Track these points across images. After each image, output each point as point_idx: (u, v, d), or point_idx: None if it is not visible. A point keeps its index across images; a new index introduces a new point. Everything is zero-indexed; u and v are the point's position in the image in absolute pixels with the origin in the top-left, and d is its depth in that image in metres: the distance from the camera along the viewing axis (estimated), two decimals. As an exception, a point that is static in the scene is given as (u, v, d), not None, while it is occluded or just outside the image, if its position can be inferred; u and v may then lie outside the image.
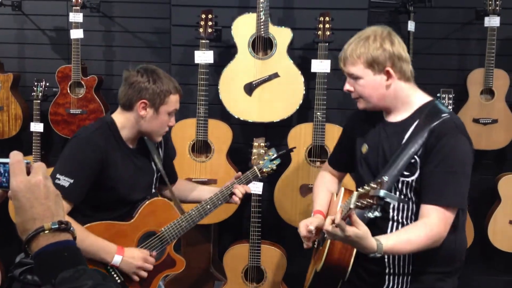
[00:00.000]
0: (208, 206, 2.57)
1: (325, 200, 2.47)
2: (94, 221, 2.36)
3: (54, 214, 1.15)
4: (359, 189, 1.77)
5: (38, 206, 1.13)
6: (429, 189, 2.02)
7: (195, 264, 3.73)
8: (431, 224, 1.99)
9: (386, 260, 2.14)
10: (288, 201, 3.51)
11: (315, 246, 2.43)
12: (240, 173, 2.71)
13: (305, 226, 2.28)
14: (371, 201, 1.69)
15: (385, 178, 1.71)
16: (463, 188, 2.04)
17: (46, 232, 1.12)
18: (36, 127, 3.89)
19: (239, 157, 3.62)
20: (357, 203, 1.74)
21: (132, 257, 2.35)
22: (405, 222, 2.12)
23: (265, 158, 2.75)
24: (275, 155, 2.75)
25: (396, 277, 2.16)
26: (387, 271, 2.16)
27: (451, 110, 2.16)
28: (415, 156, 2.04)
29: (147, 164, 2.53)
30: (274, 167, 2.77)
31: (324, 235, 2.26)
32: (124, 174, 2.39)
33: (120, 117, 2.43)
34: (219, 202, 2.60)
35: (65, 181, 2.22)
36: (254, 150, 3.14)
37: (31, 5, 4.12)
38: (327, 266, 2.14)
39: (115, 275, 2.36)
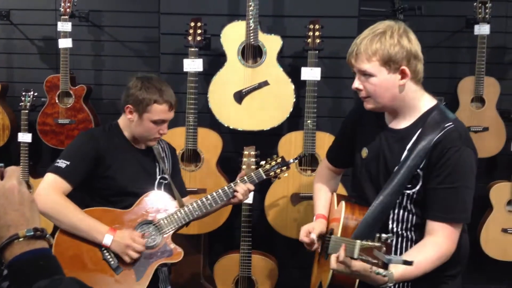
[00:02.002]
0: (208, 202, 2.60)
1: (327, 202, 2.43)
2: None
3: (29, 221, 1.10)
4: (363, 242, 1.72)
5: (12, 213, 1.09)
6: (434, 205, 1.97)
7: (186, 274, 3.68)
8: (440, 243, 1.95)
9: None
10: (279, 210, 3.48)
11: (318, 250, 2.38)
12: (244, 172, 2.77)
13: (307, 233, 2.25)
14: (376, 261, 1.68)
15: (389, 240, 1.67)
16: (468, 203, 1.99)
17: (20, 239, 1.07)
18: (24, 137, 3.85)
19: (229, 166, 3.59)
20: (361, 257, 1.72)
21: (122, 237, 2.42)
22: (404, 234, 2.09)
23: (272, 163, 2.73)
24: (284, 162, 2.73)
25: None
26: None
27: (455, 116, 2.08)
28: (418, 170, 1.99)
29: (151, 165, 2.66)
30: (285, 175, 2.78)
31: (326, 248, 2.23)
32: (125, 167, 2.54)
33: (121, 119, 2.64)
34: (220, 199, 2.63)
35: (62, 163, 2.43)
36: (244, 159, 3.11)
37: (20, 15, 4.10)
38: (334, 283, 2.09)
39: (109, 257, 2.44)
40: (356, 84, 2.07)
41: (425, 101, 2.08)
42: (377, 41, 1.97)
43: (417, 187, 2.02)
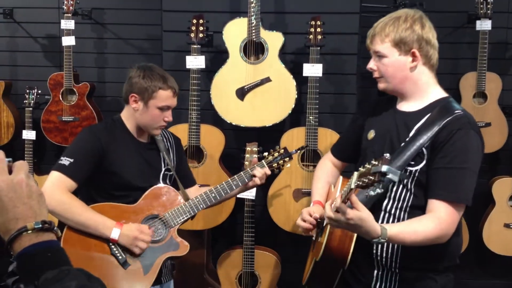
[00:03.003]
0: (222, 187, 2.65)
1: (324, 191, 2.46)
2: None
3: (37, 214, 1.12)
4: (359, 168, 1.74)
5: (20, 206, 1.11)
6: (438, 184, 1.99)
7: (189, 270, 3.70)
8: (440, 218, 1.96)
9: (374, 252, 2.11)
10: (281, 206, 3.49)
11: (313, 238, 2.40)
12: (256, 159, 2.81)
13: (308, 212, 2.27)
14: (373, 178, 1.64)
15: (387, 156, 1.65)
16: (471, 185, 2.01)
17: (29, 232, 1.09)
18: (28, 135, 3.88)
19: (232, 162, 3.60)
20: (358, 182, 1.70)
21: (129, 230, 2.44)
22: (397, 214, 2.09)
23: (275, 154, 2.75)
24: (287, 153, 2.75)
25: (385, 272, 2.13)
26: (374, 263, 2.14)
27: (464, 108, 2.12)
28: (423, 148, 2.02)
29: (155, 159, 2.67)
30: (288, 165, 2.80)
31: (322, 226, 2.24)
32: (129, 161, 2.56)
33: (124, 112, 2.64)
34: (235, 183, 2.67)
35: (66, 161, 2.44)
36: (247, 155, 3.13)
37: (23, 13, 4.12)
38: (326, 255, 2.10)
39: (116, 252, 2.46)
40: (371, 64, 2.18)
41: (437, 91, 2.16)
42: (391, 24, 2.09)
43: (420, 165, 2.04)
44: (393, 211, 2.10)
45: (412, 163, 2.04)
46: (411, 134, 2.07)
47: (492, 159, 3.96)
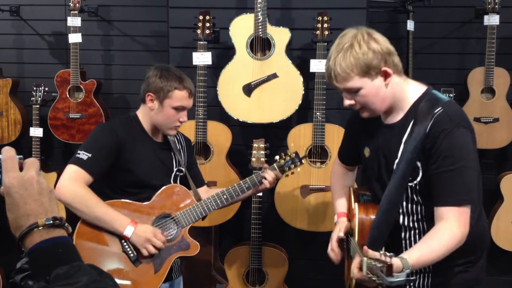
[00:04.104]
0: (233, 189, 2.68)
1: (345, 198, 2.47)
2: None
3: (48, 210, 1.13)
4: (368, 260, 1.75)
5: (31, 202, 1.12)
6: (438, 191, 1.97)
7: (197, 267, 3.71)
8: (451, 226, 1.94)
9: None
10: (288, 202, 3.49)
11: (345, 247, 2.42)
12: (267, 165, 2.81)
13: (336, 240, 2.31)
14: (376, 279, 1.69)
15: (389, 261, 1.67)
16: (471, 183, 1.97)
17: (40, 228, 1.10)
18: (36, 132, 3.89)
19: (239, 159, 3.60)
20: (369, 275, 1.73)
21: (144, 231, 2.46)
22: (416, 226, 2.09)
23: (286, 158, 2.77)
24: (298, 157, 2.78)
25: (417, 273, 2.12)
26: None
27: (447, 98, 2.08)
28: (417, 162, 2.00)
29: (168, 158, 2.70)
30: (298, 170, 2.84)
31: (348, 250, 2.26)
32: (144, 159, 2.58)
33: (140, 110, 2.66)
34: (247, 186, 2.69)
35: (84, 155, 2.46)
36: (254, 152, 3.13)
37: (29, 10, 4.13)
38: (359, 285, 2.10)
39: (128, 249, 2.48)
40: (347, 101, 2.10)
41: (413, 90, 2.10)
42: (348, 56, 1.98)
43: (418, 179, 2.03)
44: (411, 225, 2.10)
45: (410, 178, 2.03)
46: (401, 149, 2.05)
47: (500, 155, 3.94)
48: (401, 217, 2.11)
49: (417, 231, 2.11)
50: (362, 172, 2.36)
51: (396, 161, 2.06)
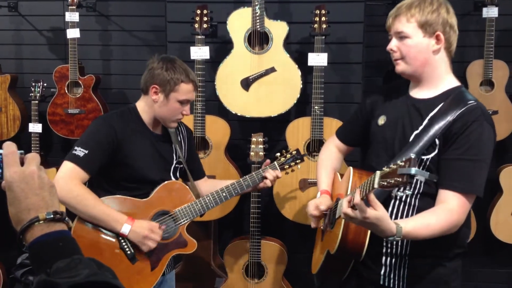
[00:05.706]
0: (233, 186, 2.69)
1: (330, 178, 2.45)
2: None
3: (49, 205, 1.15)
4: (383, 168, 1.72)
5: (32, 197, 1.14)
6: (452, 176, 2.00)
7: (196, 261, 3.72)
8: (452, 210, 1.97)
9: (385, 240, 2.10)
10: (287, 196, 3.49)
11: (321, 228, 2.40)
12: (268, 160, 2.81)
13: (315, 206, 2.28)
14: (400, 179, 1.60)
15: (413, 155, 1.63)
16: (484, 177, 2.02)
17: (41, 222, 1.12)
18: (35, 127, 3.89)
19: (237, 153, 3.61)
20: (383, 183, 1.68)
21: (140, 227, 2.44)
22: (408, 201, 2.09)
23: (287, 156, 2.78)
24: (299, 154, 2.79)
25: (394, 259, 2.13)
26: (384, 251, 2.13)
27: (476, 98, 2.11)
28: (436, 138, 2.03)
29: (167, 151, 2.66)
30: (299, 167, 2.85)
31: (332, 218, 2.24)
32: (142, 154, 2.54)
33: (140, 102, 2.61)
34: (246, 184, 2.71)
35: (80, 151, 2.41)
36: (253, 146, 3.13)
37: (27, 6, 4.12)
38: (342, 247, 2.09)
39: (125, 247, 2.46)
40: (392, 44, 2.14)
41: (451, 79, 2.15)
42: (417, 5, 2.07)
43: (432, 154, 2.04)
44: (403, 198, 2.10)
45: (425, 151, 2.05)
46: (424, 123, 2.07)
47: (499, 147, 3.93)
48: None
49: (407, 205, 2.10)
50: (364, 147, 2.33)
51: (416, 132, 2.08)
